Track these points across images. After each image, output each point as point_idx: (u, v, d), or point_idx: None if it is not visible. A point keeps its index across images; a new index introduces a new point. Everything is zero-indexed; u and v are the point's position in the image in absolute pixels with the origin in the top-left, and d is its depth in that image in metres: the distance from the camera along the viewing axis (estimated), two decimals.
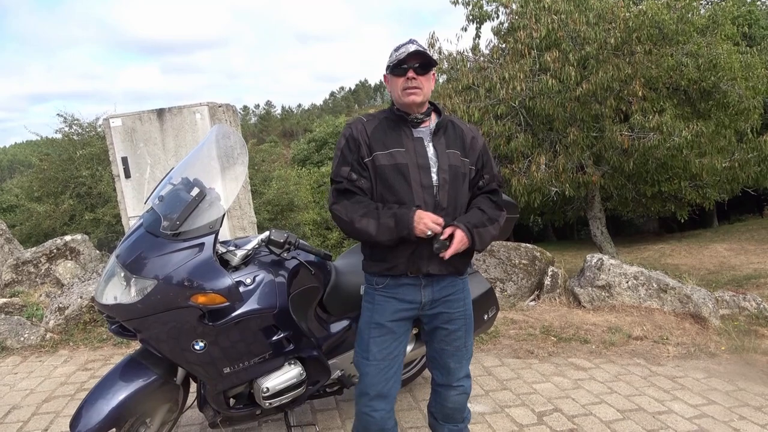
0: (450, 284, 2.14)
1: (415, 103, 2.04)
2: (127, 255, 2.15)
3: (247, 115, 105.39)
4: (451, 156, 2.07)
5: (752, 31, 15.97)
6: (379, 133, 2.06)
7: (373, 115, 2.15)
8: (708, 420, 3.00)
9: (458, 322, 2.18)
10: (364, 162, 2.04)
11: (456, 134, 2.14)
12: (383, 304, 2.11)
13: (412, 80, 2.02)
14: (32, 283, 5.52)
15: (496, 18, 11.24)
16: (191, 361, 2.20)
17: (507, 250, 5.34)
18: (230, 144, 2.53)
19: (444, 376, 2.23)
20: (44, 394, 3.46)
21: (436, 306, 2.13)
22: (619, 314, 4.65)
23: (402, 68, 2.02)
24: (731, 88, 9.78)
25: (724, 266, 10.55)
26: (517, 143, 9.57)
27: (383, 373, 2.10)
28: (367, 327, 2.14)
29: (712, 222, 20.47)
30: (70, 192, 13.22)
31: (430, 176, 2.03)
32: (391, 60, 2.06)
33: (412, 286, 2.08)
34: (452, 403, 2.25)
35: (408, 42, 2.08)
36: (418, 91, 2.03)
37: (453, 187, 2.06)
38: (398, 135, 2.06)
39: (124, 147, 4.79)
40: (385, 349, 2.11)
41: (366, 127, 2.08)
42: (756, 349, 4.03)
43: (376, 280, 2.12)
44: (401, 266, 2.04)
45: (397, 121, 2.09)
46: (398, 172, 2.01)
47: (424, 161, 2.04)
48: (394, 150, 2.03)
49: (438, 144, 2.08)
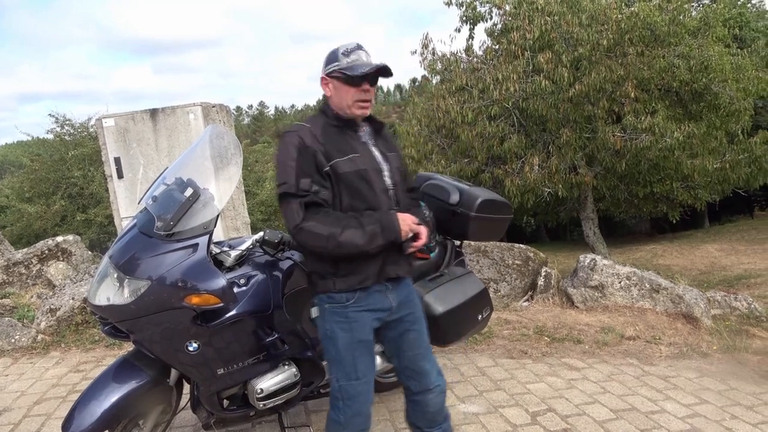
0: (406, 285, 2.15)
1: (365, 116, 2.03)
2: (120, 256, 2.14)
3: (240, 116, 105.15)
4: (394, 158, 2.10)
5: (743, 33, 16.09)
6: (331, 139, 1.96)
7: (311, 120, 2.03)
8: (700, 419, 3.02)
9: (421, 320, 2.20)
10: (324, 171, 1.92)
11: (386, 137, 2.16)
12: (359, 319, 2.01)
13: (366, 93, 1.95)
14: (23, 284, 5.47)
15: (490, 19, 11.28)
16: (185, 362, 2.19)
17: (500, 250, 5.36)
18: (224, 144, 2.52)
19: (420, 383, 2.16)
20: (36, 396, 3.43)
21: (402, 309, 2.11)
22: (612, 314, 4.67)
23: (359, 79, 1.93)
24: (722, 90, 9.85)
25: (716, 266, 10.61)
26: (510, 144, 9.60)
27: (371, 386, 2.08)
28: (349, 348, 2.00)
29: (703, 223, 20.60)
30: (61, 193, 13.14)
31: (384, 179, 2.03)
32: (343, 66, 1.94)
33: (380, 293, 2.03)
34: (434, 406, 2.19)
35: (357, 48, 1.98)
36: (369, 104, 1.99)
37: (401, 188, 2.10)
38: (347, 140, 2.00)
39: (117, 147, 4.77)
40: (371, 363, 2.07)
41: (314, 133, 1.95)
42: (747, 349, 4.06)
43: (346, 296, 1.98)
44: (372, 276, 1.98)
45: (341, 127, 2.01)
46: (361, 178, 1.95)
47: (377, 165, 2.02)
48: (352, 155, 1.96)
49: (381, 147, 2.08)
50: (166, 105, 4.82)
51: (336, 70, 1.96)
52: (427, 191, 3.10)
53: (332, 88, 1.99)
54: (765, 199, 22.82)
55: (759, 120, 15.54)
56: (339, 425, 2.05)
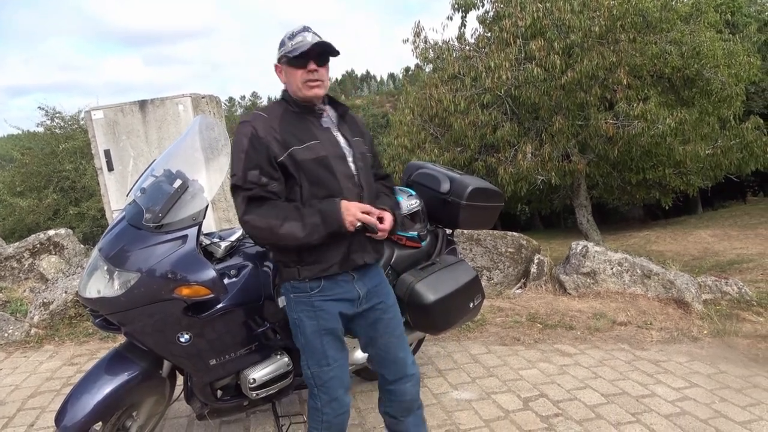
0: (376, 273, 2.12)
1: (318, 96, 1.96)
2: (109, 248, 2.14)
3: (233, 107, 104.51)
4: (359, 144, 2.06)
5: (735, 18, 16.09)
6: (289, 127, 1.93)
7: (268, 109, 2.01)
8: (690, 402, 3.06)
9: (393, 309, 2.15)
10: (278, 161, 1.88)
11: (353, 121, 2.12)
12: (325, 308, 1.99)
13: (313, 72, 1.92)
14: (16, 278, 5.45)
15: (482, 7, 11.25)
16: (177, 353, 2.20)
17: (493, 238, 5.37)
18: (214, 135, 2.51)
19: (395, 372, 2.14)
20: (30, 390, 3.43)
21: (371, 297, 2.08)
22: (604, 300, 4.70)
23: (302, 60, 1.90)
24: (714, 76, 9.87)
25: (708, 252, 10.70)
26: (503, 132, 9.61)
27: (344, 369, 2.07)
28: (317, 336, 2.00)
29: (696, 209, 20.73)
30: (53, 186, 13.08)
31: (348, 166, 1.98)
32: (287, 50, 1.93)
33: (346, 282, 2.00)
34: (410, 394, 2.18)
35: (303, 30, 1.95)
36: (321, 83, 1.94)
37: (366, 174, 2.04)
38: (308, 127, 1.96)
39: (107, 140, 4.74)
40: (341, 348, 2.07)
41: (271, 122, 1.92)
42: (737, 333, 4.10)
43: (310, 285, 1.97)
44: (337, 265, 1.95)
45: (301, 114, 1.97)
46: (321, 165, 1.91)
47: (339, 151, 1.98)
48: (310, 143, 1.92)
49: (345, 132, 2.04)
50: (156, 96, 4.79)
51: (282, 55, 1.96)
52: (417, 180, 3.10)
53: (284, 73, 1.99)
54: (757, 184, 22.96)
55: (751, 105, 15.62)
56: (317, 411, 2.06)
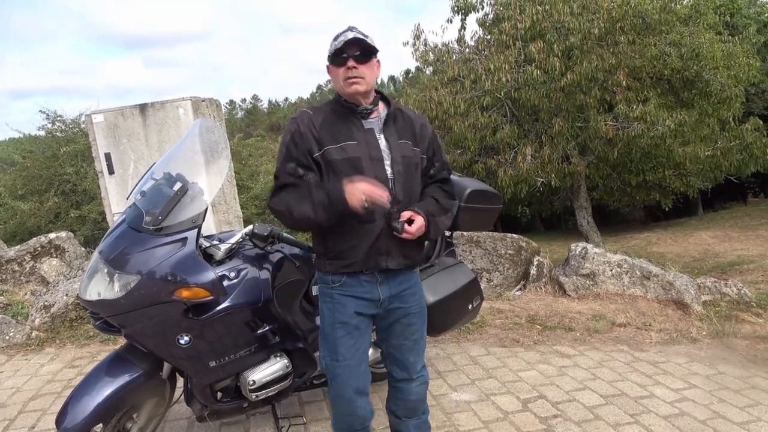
0: (405, 279, 2.09)
1: (359, 92, 1.96)
2: (109, 251, 2.16)
3: (233, 110, 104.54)
4: (403, 147, 2.02)
5: (734, 20, 16.09)
6: (328, 126, 1.97)
7: (319, 107, 2.06)
8: (689, 403, 3.07)
9: (415, 316, 2.13)
10: (314, 157, 1.95)
11: (406, 123, 2.08)
12: (343, 302, 2.03)
13: (352, 69, 1.93)
14: (17, 281, 5.47)
15: (481, 9, 11.26)
16: (177, 355, 2.21)
17: (493, 240, 5.38)
18: (214, 138, 2.53)
19: (403, 371, 2.17)
20: (31, 392, 3.45)
21: (393, 302, 2.08)
22: (603, 302, 4.71)
23: (342, 57, 1.93)
24: (713, 77, 9.88)
25: (709, 253, 10.69)
26: (503, 134, 9.62)
27: (355, 371, 2.06)
28: (331, 328, 2.06)
29: (697, 210, 20.71)
30: (54, 189, 13.08)
31: (384, 169, 1.96)
32: (330, 50, 1.97)
33: (369, 283, 2.02)
34: (415, 395, 2.19)
35: (347, 29, 1.98)
36: (360, 80, 1.94)
37: (407, 178, 2.01)
38: (348, 127, 1.98)
39: (107, 143, 4.76)
40: (353, 347, 2.05)
41: (313, 120, 1.98)
42: (736, 334, 4.11)
43: (332, 278, 2.03)
44: (359, 263, 1.97)
45: (345, 113, 2.00)
46: (351, 166, 1.93)
47: (377, 153, 1.97)
48: (345, 143, 1.95)
49: (389, 135, 2.01)
50: (157, 100, 4.81)
51: (328, 55, 1.99)
52: None
53: (331, 74, 2.02)
54: (758, 185, 22.94)
55: (750, 107, 15.61)
56: (331, 400, 2.16)
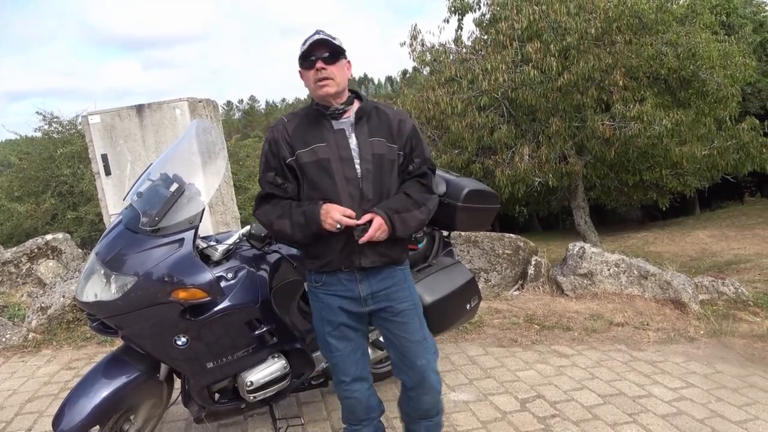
0: (388, 276, 2.09)
1: (329, 94, 1.98)
2: (106, 252, 2.15)
3: (231, 111, 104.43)
4: (375, 144, 2.02)
5: (730, 19, 16.13)
6: (300, 131, 2.03)
7: (295, 113, 2.11)
8: (686, 402, 3.07)
9: (409, 313, 2.13)
10: (287, 163, 2.01)
11: (381, 120, 2.08)
12: (327, 300, 2.09)
13: (321, 71, 1.96)
14: (13, 283, 5.45)
15: (478, 9, 11.24)
16: (174, 356, 2.21)
17: (491, 240, 5.39)
18: (211, 139, 2.52)
19: (414, 380, 2.14)
20: (27, 394, 3.44)
21: (379, 300, 2.08)
22: (601, 301, 4.71)
23: (310, 60, 1.97)
24: (710, 77, 9.89)
25: (706, 253, 10.71)
26: (500, 134, 9.62)
27: (350, 359, 2.14)
28: (320, 324, 2.15)
29: (694, 210, 20.76)
30: (51, 191, 13.05)
31: (354, 168, 1.98)
32: (300, 53, 2.00)
33: (349, 281, 2.05)
34: (427, 404, 2.19)
35: (314, 33, 2.01)
36: (330, 81, 1.97)
37: (378, 176, 2.01)
38: (319, 130, 2.02)
39: (104, 144, 4.75)
40: (343, 340, 2.13)
41: (286, 127, 2.05)
42: (733, 333, 4.12)
43: (314, 277, 2.11)
44: (335, 262, 2.02)
45: (317, 116, 2.04)
46: (321, 168, 1.98)
47: (347, 153, 1.99)
48: (315, 146, 1.99)
49: (360, 133, 2.02)
50: (154, 101, 4.79)
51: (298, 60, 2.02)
52: None
53: (302, 77, 2.05)
54: (754, 185, 23.01)
55: (747, 106, 15.66)
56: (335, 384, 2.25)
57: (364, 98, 2.13)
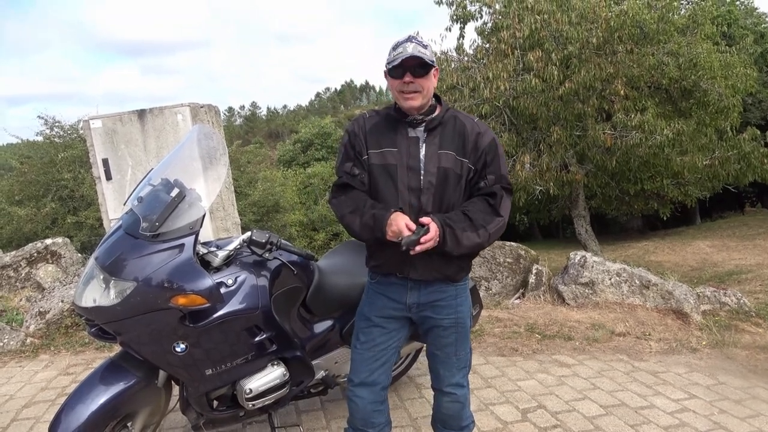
0: (438, 290, 2.09)
1: (413, 107, 1.96)
2: (106, 257, 2.13)
3: (232, 117, 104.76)
4: (442, 157, 1.97)
5: (731, 30, 16.21)
6: (376, 131, 2.05)
7: (377, 111, 2.14)
8: (689, 414, 3.04)
9: (448, 330, 2.13)
10: (362, 159, 2.05)
11: (456, 132, 2.02)
12: (373, 298, 2.17)
13: (410, 84, 1.93)
14: (12, 287, 5.43)
15: (480, 18, 11.27)
16: (173, 363, 2.18)
17: (492, 248, 5.37)
18: (212, 144, 2.51)
19: (435, 380, 2.26)
20: (24, 400, 3.41)
21: (424, 310, 2.11)
22: (603, 311, 4.69)
23: (398, 71, 1.93)
24: (711, 87, 9.91)
25: (707, 263, 10.69)
26: (501, 142, 9.61)
27: (368, 362, 2.14)
28: (360, 317, 2.22)
29: (695, 219, 20.75)
30: (51, 195, 13.04)
31: (419, 178, 1.97)
32: (388, 60, 1.96)
33: (399, 287, 2.10)
34: (445, 409, 2.24)
35: (406, 40, 1.94)
36: (416, 95, 1.94)
37: (440, 190, 1.97)
38: (394, 134, 2.02)
39: (105, 149, 4.73)
40: (372, 341, 2.14)
41: (366, 123, 2.08)
42: (736, 344, 4.09)
43: (371, 274, 2.20)
44: (390, 266, 2.07)
45: (395, 119, 2.04)
46: (386, 173, 2.00)
47: (415, 163, 1.98)
48: (386, 150, 2.01)
49: (430, 144, 1.99)
50: (155, 106, 4.78)
51: (385, 64, 2.00)
52: None
53: (388, 81, 2.03)
54: (755, 195, 23.01)
55: (748, 117, 15.71)
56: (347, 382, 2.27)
57: (446, 105, 2.09)
